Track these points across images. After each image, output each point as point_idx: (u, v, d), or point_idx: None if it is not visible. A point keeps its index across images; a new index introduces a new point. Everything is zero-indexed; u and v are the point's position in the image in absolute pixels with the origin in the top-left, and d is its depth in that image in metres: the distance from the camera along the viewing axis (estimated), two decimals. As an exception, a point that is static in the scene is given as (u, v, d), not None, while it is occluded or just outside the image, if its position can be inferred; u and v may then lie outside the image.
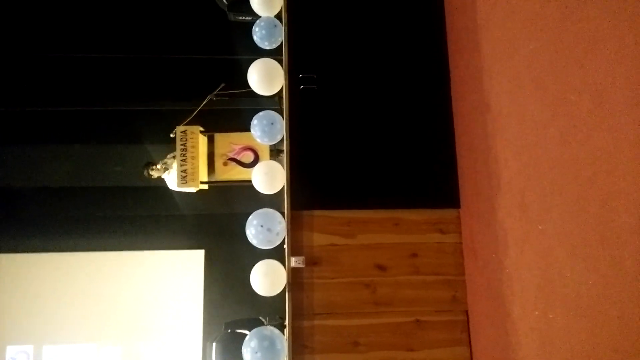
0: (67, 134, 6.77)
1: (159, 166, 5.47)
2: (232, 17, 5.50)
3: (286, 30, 4.12)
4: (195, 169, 5.04)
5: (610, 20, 2.03)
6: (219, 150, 5.16)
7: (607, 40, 2.04)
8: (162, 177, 5.54)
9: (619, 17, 1.97)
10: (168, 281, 6.93)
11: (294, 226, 3.80)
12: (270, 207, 3.85)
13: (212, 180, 5.21)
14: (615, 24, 1.99)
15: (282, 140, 4.13)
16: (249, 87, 4.21)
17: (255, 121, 4.11)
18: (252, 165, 5.00)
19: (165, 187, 5.76)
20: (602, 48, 2.08)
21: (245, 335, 3.56)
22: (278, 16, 4.31)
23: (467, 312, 3.74)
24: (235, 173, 5.15)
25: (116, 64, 6.68)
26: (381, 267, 3.77)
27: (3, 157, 6.77)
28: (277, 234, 3.72)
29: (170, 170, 5.46)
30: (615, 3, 2.00)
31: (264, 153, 5.10)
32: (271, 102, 4.81)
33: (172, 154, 5.45)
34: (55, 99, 6.62)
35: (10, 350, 6.81)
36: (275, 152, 5.04)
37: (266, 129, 4.08)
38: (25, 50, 6.57)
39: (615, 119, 2.00)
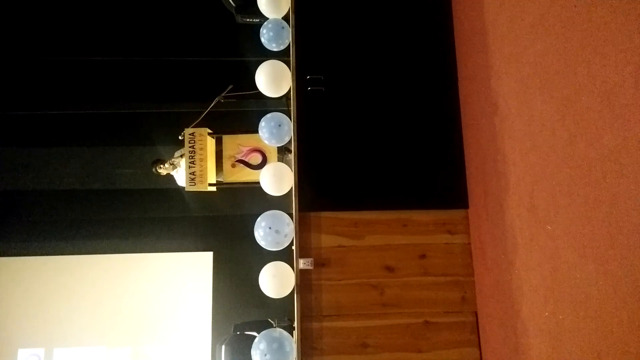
0: (75, 136, 6.81)
1: (167, 165, 5.50)
2: (239, 19, 5.52)
3: (293, 32, 4.13)
4: (203, 171, 5.05)
5: (618, 20, 2.02)
6: (227, 152, 5.16)
7: (615, 40, 2.03)
8: (171, 174, 5.56)
9: (627, 17, 1.96)
10: (177, 283, 6.95)
11: (302, 228, 3.80)
12: (279, 209, 3.85)
13: (220, 182, 5.21)
14: (623, 24, 1.98)
15: (289, 141, 4.14)
16: (257, 89, 4.22)
17: (263, 123, 4.12)
18: (260, 167, 5.00)
19: (173, 190, 5.77)
20: (610, 48, 2.07)
21: (254, 337, 3.57)
22: (285, 18, 4.31)
23: (476, 313, 3.73)
24: (243, 175, 5.15)
25: (124, 66, 6.71)
26: (389, 268, 3.77)
27: (12, 160, 6.81)
28: (285, 235, 3.72)
29: (178, 168, 5.49)
30: (623, 3, 1.99)
31: (272, 155, 5.10)
32: (279, 104, 4.82)
33: (179, 152, 5.47)
34: (63, 102, 6.66)
35: (22, 354, 6.85)
36: (282, 150, 5.04)
37: (274, 131, 4.09)
38: (34, 53, 6.62)
39: (624, 119, 1.99)
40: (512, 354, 3.15)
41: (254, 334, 4.15)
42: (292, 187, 3.92)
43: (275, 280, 3.69)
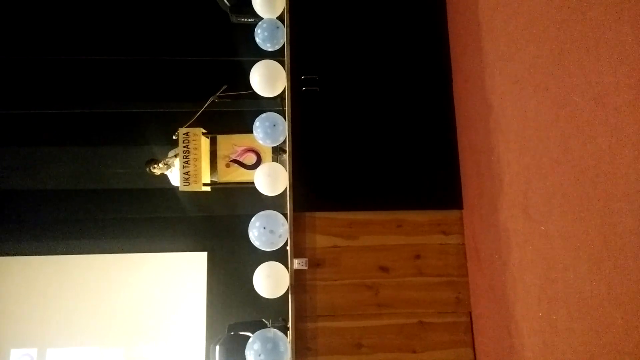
0: (70, 136, 6.78)
1: (161, 164, 5.47)
2: (234, 19, 5.51)
3: (288, 32, 4.13)
4: (197, 171, 5.03)
5: (612, 21, 2.02)
6: (221, 151, 5.15)
7: (609, 41, 2.04)
8: (165, 173, 5.54)
9: (621, 18, 1.96)
10: (171, 284, 6.92)
11: (297, 228, 3.80)
12: (273, 209, 3.85)
13: (215, 182, 5.20)
14: (617, 25, 1.99)
15: (284, 141, 4.13)
16: (251, 89, 4.22)
17: (257, 123, 4.12)
18: (254, 167, 4.99)
19: (168, 189, 5.76)
20: (604, 49, 2.07)
21: (248, 337, 3.56)
22: (280, 18, 4.31)
23: (470, 313, 3.74)
24: (238, 175, 5.14)
25: (118, 65, 6.69)
26: (384, 269, 3.77)
27: (6, 159, 6.78)
28: (280, 235, 3.72)
29: (173, 168, 5.47)
30: (616, 4, 1.99)
31: (266, 155, 5.09)
32: (273, 104, 4.81)
33: (173, 152, 5.45)
34: (57, 101, 6.63)
35: (15, 354, 6.81)
36: (277, 150, 5.03)
37: (268, 131, 4.09)
38: (28, 52, 6.59)
39: (618, 119, 1.99)
40: (506, 354, 3.15)
41: (248, 334, 4.13)
42: (286, 187, 3.92)
43: (270, 281, 3.68)
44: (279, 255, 3.86)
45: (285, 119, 4.05)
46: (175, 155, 5.37)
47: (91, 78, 6.68)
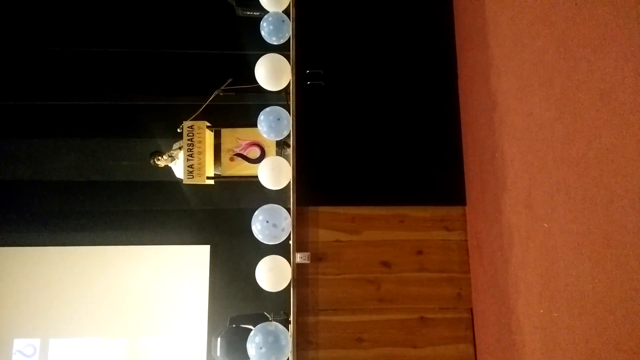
0: (74, 128, 6.79)
1: (165, 156, 5.48)
2: (240, 12, 5.51)
3: (294, 25, 4.12)
4: (201, 164, 5.04)
5: (618, 19, 2.02)
6: (225, 145, 5.16)
7: (615, 39, 2.03)
8: (169, 165, 5.55)
9: (627, 16, 1.96)
10: (174, 276, 6.94)
11: (300, 222, 3.80)
12: (276, 203, 3.85)
13: (219, 175, 5.21)
14: (624, 22, 1.98)
15: (288, 135, 4.14)
16: (256, 83, 4.22)
17: (261, 117, 4.12)
18: (258, 160, 4.99)
19: (171, 182, 5.77)
20: (610, 47, 2.07)
21: (250, 330, 3.58)
22: (286, 11, 4.31)
23: (471, 309, 3.74)
24: (242, 168, 5.14)
25: (124, 58, 6.70)
26: (386, 264, 3.78)
27: (11, 150, 6.80)
28: (283, 229, 3.73)
29: (177, 160, 5.47)
30: (623, 2, 1.99)
31: (271, 149, 5.09)
32: (278, 98, 4.81)
33: (178, 144, 5.46)
34: (63, 93, 6.65)
35: (18, 344, 6.85)
36: (281, 144, 5.03)
37: (273, 125, 4.09)
38: (33, 44, 6.60)
39: (622, 118, 1.99)
40: (506, 351, 3.16)
41: (250, 327, 4.15)
42: (290, 182, 3.93)
43: (272, 274, 3.70)
44: (281, 249, 3.87)
45: (289, 113, 4.06)
46: (180, 148, 5.38)
47: (97, 70, 6.70)
